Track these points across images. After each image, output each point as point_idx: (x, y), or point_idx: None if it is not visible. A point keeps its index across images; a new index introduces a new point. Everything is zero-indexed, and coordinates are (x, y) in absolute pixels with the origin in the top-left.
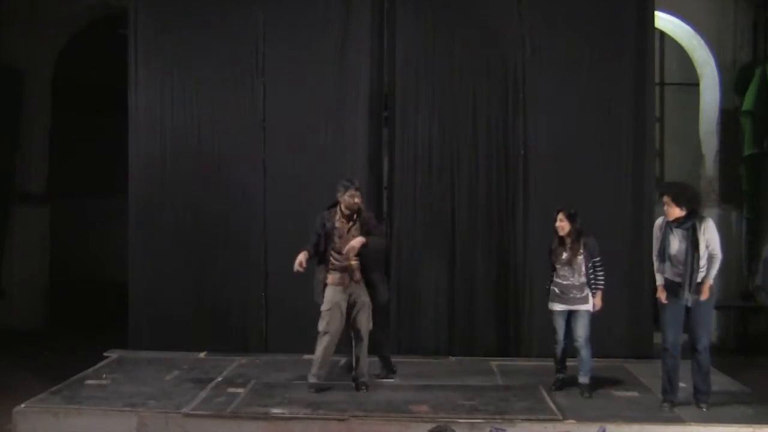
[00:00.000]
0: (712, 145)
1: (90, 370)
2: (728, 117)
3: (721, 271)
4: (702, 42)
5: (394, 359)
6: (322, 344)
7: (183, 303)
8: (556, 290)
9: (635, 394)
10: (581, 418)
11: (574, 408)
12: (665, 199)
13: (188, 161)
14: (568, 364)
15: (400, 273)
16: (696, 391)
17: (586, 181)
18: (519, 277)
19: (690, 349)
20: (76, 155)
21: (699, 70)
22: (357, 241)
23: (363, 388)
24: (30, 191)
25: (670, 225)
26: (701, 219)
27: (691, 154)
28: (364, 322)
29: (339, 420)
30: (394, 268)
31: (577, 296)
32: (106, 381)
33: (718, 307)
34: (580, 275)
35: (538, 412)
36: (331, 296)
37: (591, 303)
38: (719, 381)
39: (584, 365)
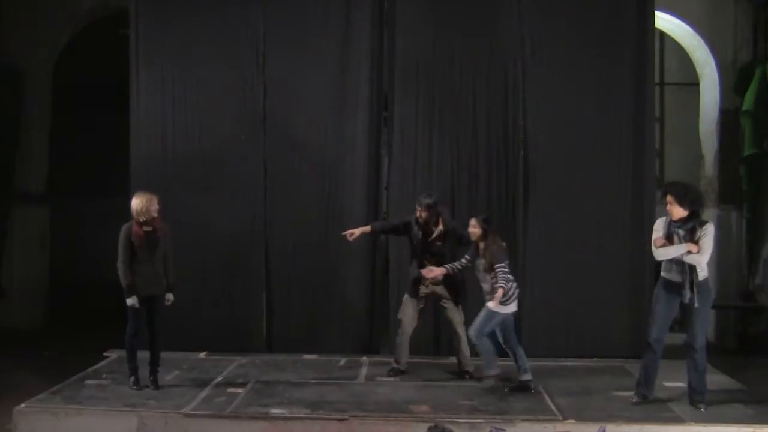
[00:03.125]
0: (712, 145)
1: (90, 370)
2: (728, 117)
3: (720, 271)
4: (702, 42)
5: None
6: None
7: (183, 303)
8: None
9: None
10: (581, 418)
11: (573, 408)
12: (669, 198)
13: (189, 161)
14: (564, 363)
15: (399, 273)
16: (692, 390)
17: (586, 181)
18: (519, 277)
19: (686, 349)
20: (76, 155)
21: (699, 70)
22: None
23: (466, 377)
24: (30, 191)
25: (673, 225)
26: (702, 222)
27: (691, 154)
28: (455, 318)
29: (339, 420)
30: (393, 268)
31: (488, 296)
32: (106, 381)
33: (718, 307)
34: (487, 281)
35: (537, 412)
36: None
37: (494, 302)
38: (719, 381)
39: (483, 359)
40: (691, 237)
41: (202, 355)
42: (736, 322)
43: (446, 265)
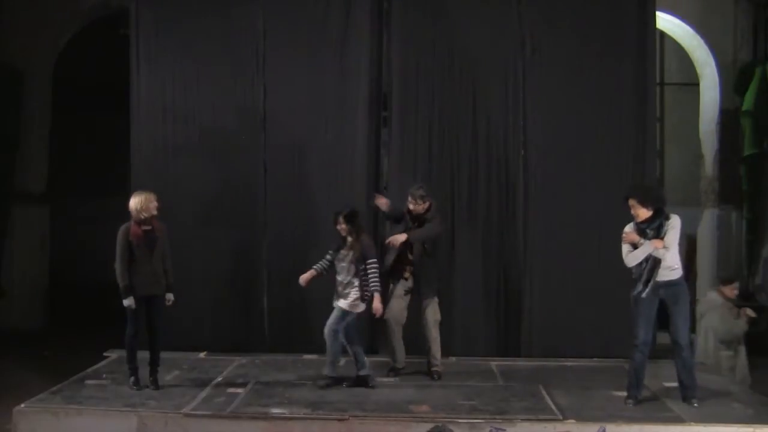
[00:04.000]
0: (712, 145)
1: (90, 370)
2: (728, 117)
3: (720, 271)
4: (702, 42)
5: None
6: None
7: (183, 303)
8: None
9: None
10: (581, 418)
11: (574, 408)
12: (631, 202)
13: (189, 161)
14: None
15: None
16: (683, 387)
17: (587, 180)
18: (519, 277)
19: (673, 347)
20: (76, 155)
21: (699, 70)
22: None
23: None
24: (30, 191)
25: (640, 226)
26: (667, 217)
27: (691, 154)
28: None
29: (339, 420)
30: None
31: (342, 293)
32: (106, 381)
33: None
34: (348, 274)
35: (537, 412)
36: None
37: (347, 301)
38: (719, 381)
39: (328, 355)
40: (658, 234)
41: (202, 355)
42: None
43: (314, 267)
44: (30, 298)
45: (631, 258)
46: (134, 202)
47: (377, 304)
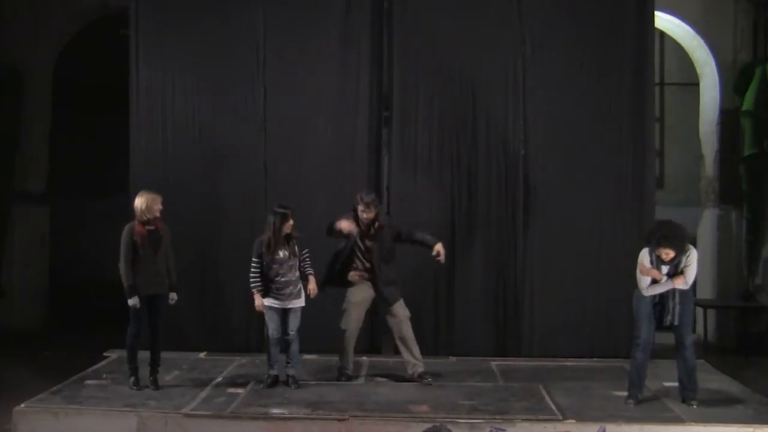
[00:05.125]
0: (712, 145)
1: (90, 370)
2: (728, 117)
3: (721, 271)
4: (702, 42)
5: (394, 359)
6: None
7: (183, 303)
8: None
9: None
10: (581, 418)
11: (574, 408)
12: (667, 251)
13: (189, 162)
14: (564, 363)
15: (399, 272)
16: (683, 387)
17: (586, 180)
18: (519, 277)
19: (676, 346)
20: (76, 155)
21: (699, 70)
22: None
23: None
24: (30, 191)
25: (659, 261)
26: (687, 251)
27: (690, 154)
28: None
29: (339, 420)
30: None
31: (293, 292)
32: (106, 381)
33: (718, 307)
34: (295, 271)
35: (537, 412)
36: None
37: (302, 298)
38: (719, 381)
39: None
40: (677, 268)
41: (202, 355)
42: (737, 322)
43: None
44: (30, 298)
45: (650, 291)
46: (139, 202)
47: (313, 285)
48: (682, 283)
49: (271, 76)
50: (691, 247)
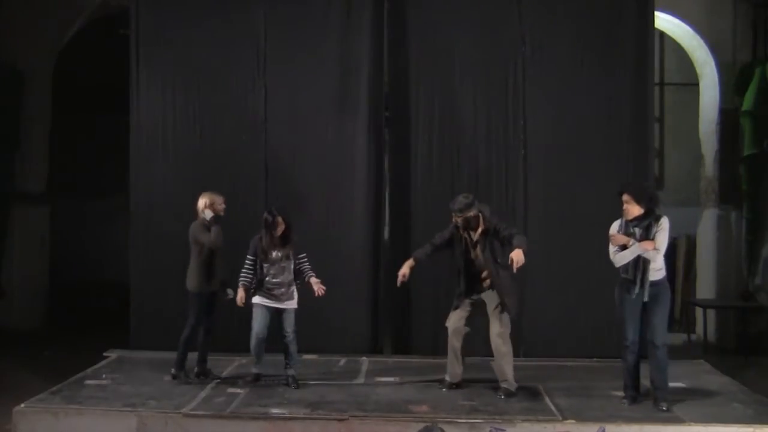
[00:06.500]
0: (712, 146)
1: (90, 370)
2: (728, 117)
3: (720, 271)
4: (702, 42)
5: (393, 359)
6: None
7: (183, 303)
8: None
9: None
10: (581, 418)
11: (573, 408)
12: (625, 197)
13: (189, 161)
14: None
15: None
16: (655, 388)
17: (586, 180)
18: (518, 277)
19: (648, 346)
20: (76, 155)
21: (699, 70)
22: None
23: (499, 393)
24: (30, 191)
25: (629, 224)
26: (657, 217)
27: (690, 154)
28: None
29: (339, 420)
30: (396, 267)
31: (287, 293)
32: (105, 381)
33: (718, 307)
34: (289, 273)
35: (537, 412)
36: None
37: (295, 300)
38: (719, 381)
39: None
40: (647, 234)
41: None
42: (737, 322)
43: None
44: (30, 298)
45: (619, 258)
46: (219, 200)
47: (318, 286)
48: (651, 249)
49: (271, 75)
50: (663, 217)
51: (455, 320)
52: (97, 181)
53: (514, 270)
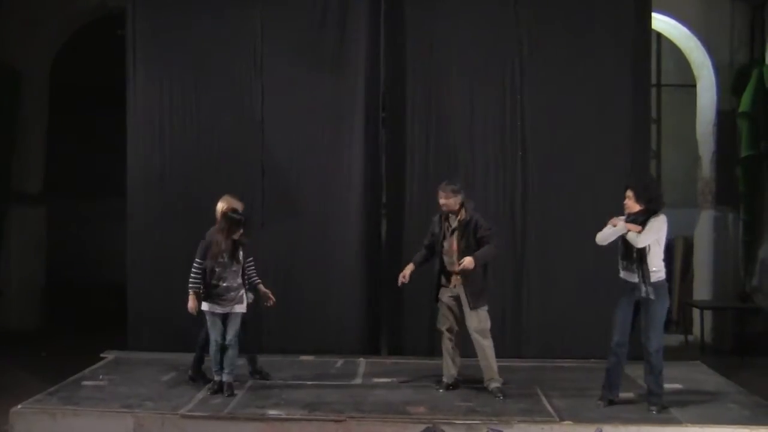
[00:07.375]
0: (709, 147)
1: (87, 370)
2: (725, 118)
3: (717, 272)
4: (699, 43)
5: (393, 359)
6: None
7: (181, 304)
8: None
9: (632, 395)
10: (578, 419)
11: (571, 409)
12: (628, 193)
13: (186, 162)
14: (561, 364)
15: (398, 273)
16: (648, 393)
17: (584, 181)
18: (517, 278)
19: (642, 351)
20: (74, 155)
21: (696, 72)
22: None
23: (496, 394)
24: (27, 191)
25: (627, 218)
26: (655, 214)
27: (687, 155)
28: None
29: (336, 421)
30: (392, 268)
31: (236, 297)
32: (103, 382)
33: (714, 308)
34: (238, 277)
35: (535, 413)
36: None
37: (244, 304)
38: (716, 382)
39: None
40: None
41: None
42: (733, 324)
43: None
44: (27, 299)
45: (601, 237)
46: (236, 205)
47: (266, 291)
48: (634, 231)
49: (269, 76)
50: (662, 215)
51: (444, 321)
52: (94, 182)
53: (456, 271)
